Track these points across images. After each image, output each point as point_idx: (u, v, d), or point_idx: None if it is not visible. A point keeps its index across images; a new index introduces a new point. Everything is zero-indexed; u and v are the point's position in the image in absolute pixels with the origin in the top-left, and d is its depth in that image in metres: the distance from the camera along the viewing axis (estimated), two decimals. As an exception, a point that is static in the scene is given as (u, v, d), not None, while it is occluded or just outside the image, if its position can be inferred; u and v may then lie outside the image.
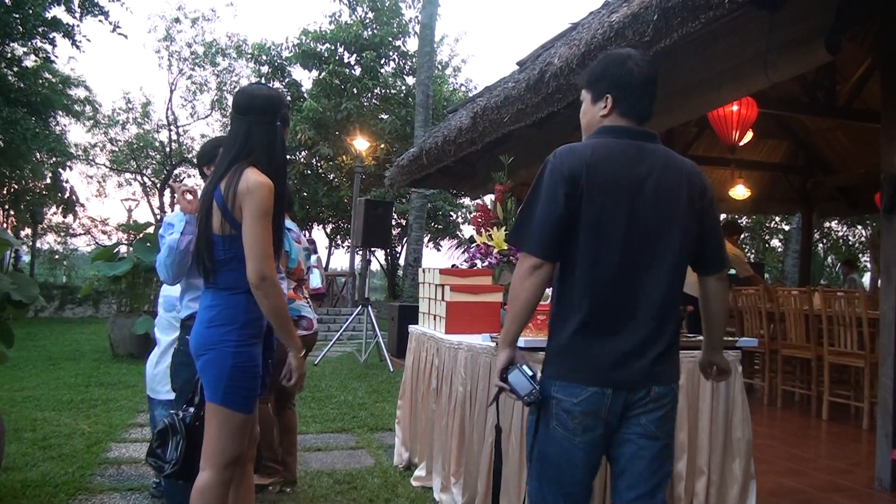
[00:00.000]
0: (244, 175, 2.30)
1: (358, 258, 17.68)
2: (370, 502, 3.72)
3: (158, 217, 26.52)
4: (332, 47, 22.67)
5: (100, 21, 16.78)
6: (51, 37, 16.88)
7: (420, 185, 10.55)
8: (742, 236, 29.63)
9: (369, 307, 10.03)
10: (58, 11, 16.51)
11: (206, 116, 29.05)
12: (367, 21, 23.12)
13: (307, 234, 28.17)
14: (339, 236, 28.34)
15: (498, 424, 2.34)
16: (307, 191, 23.03)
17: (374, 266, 28.55)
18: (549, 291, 3.31)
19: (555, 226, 1.90)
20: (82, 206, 25.66)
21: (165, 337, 3.49)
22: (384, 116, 22.35)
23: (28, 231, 24.70)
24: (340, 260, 52.36)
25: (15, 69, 17.48)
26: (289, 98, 19.47)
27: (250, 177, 2.29)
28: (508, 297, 2.02)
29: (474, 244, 4.22)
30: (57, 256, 33.32)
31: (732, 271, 7.41)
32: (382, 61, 22.89)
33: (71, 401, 6.20)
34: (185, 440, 2.50)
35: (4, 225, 22.77)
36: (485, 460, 3.22)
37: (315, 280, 11.67)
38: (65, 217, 25.40)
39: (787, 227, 24.37)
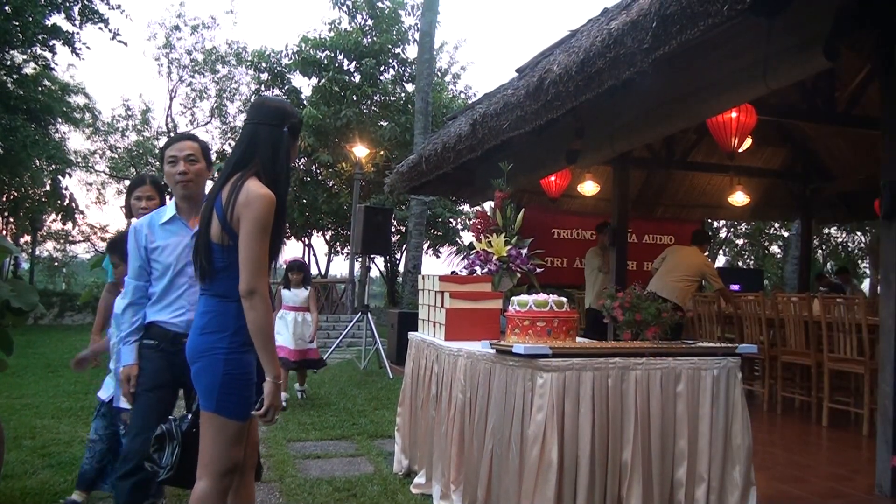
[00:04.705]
0: (245, 186, 2.30)
1: (357, 265, 17.67)
2: (370, 510, 3.71)
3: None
4: (332, 54, 22.74)
5: (99, 28, 16.84)
6: (50, 44, 16.94)
7: (419, 191, 10.55)
8: (741, 244, 29.75)
9: (369, 314, 10.02)
10: (57, 19, 16.58)
11: (206, 123, 29.14)
12: (367, 28, 23.19)
13: (307, 243, 28.21)
14: (338, 243, 28.38)
15: None
16: (307, 198, 23.05)
17: (374, 273, 28.57)
18: (562, 299, 3.33)
19: None
20: (81, 213, 25.67)
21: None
22: (384, 123, 22.39)
23: (27, 238, 24.71)
24: (340, 267, 52.35)
25: (14, 76, 17.52)
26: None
27: (251, 189, 2.29)
28: None
29: (474, 251, 4.22)
30: (56, 263, 33.32)
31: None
32: (382, 68, 22.96)
33: (70, 408, 6.19)
34: (181, 447, 2.50)
35: (4, 232, 22.77)
36: (485, 467, 3.21)
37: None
38: (64, 224, 25.38)
39: (786, 234, 24.41)
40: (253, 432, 2.59)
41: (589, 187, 8.75)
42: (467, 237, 23.15)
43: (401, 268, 24.45)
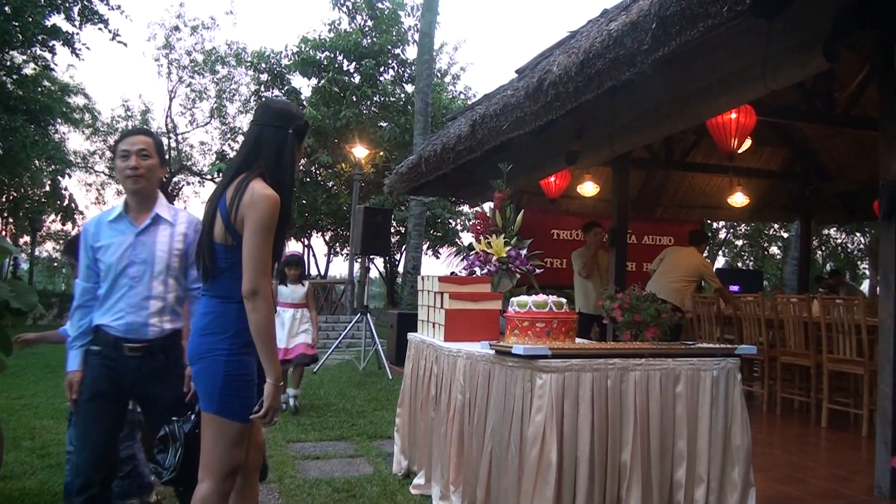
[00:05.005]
0: (250, 187, 2.30)
1: (357, 266, 17.67)
2: (369, 510, 3.71)
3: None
4: (332, 55, 22.75)
5: (99, 29, 16.87)
6: (50, 45, 16.95)
7: (419, 192, 10.55)
8: (741, 245, 29.72)
9: (368, 315, 10.02)
10: (57, 19, 16.60)
11: (206, 124, 29.14)
12: (367, 29, 23.20)
13: (307, 244, 28.23)
14: (338, 244, 28.40)
15: None
16: (306, 198, 23.05)
17: (373, 273, 28.57)
18: (561, 299, 3.33)
19: None
20: (81, 213, 25.64)
21: None
22: (383, 124, 22.40)
23: (27, 239, 24.74)
24: (339, 267, 52.37)
25: (14, 77, 17.53)
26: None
27: (256, 189, 2.29)
28: None
29: (473, 252, 4.21)
30: (55, 264, 33.31)
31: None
32: (381, 69, 22.98)
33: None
34: (184, 448, 2.50)
35: (3, 233, 22.79)
36: (484, 468, 3.21)
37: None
38: (63, 225, 25.41)
39: (785, 235, 24.41)
40: (257, 434, 2.59)
41: (588, 188, 8.74)
42: (467, 238, 23.16)
43: (400, 268, 24.45)
